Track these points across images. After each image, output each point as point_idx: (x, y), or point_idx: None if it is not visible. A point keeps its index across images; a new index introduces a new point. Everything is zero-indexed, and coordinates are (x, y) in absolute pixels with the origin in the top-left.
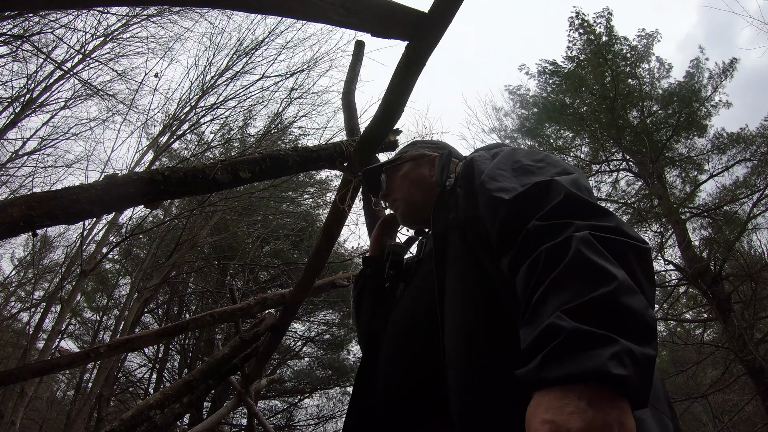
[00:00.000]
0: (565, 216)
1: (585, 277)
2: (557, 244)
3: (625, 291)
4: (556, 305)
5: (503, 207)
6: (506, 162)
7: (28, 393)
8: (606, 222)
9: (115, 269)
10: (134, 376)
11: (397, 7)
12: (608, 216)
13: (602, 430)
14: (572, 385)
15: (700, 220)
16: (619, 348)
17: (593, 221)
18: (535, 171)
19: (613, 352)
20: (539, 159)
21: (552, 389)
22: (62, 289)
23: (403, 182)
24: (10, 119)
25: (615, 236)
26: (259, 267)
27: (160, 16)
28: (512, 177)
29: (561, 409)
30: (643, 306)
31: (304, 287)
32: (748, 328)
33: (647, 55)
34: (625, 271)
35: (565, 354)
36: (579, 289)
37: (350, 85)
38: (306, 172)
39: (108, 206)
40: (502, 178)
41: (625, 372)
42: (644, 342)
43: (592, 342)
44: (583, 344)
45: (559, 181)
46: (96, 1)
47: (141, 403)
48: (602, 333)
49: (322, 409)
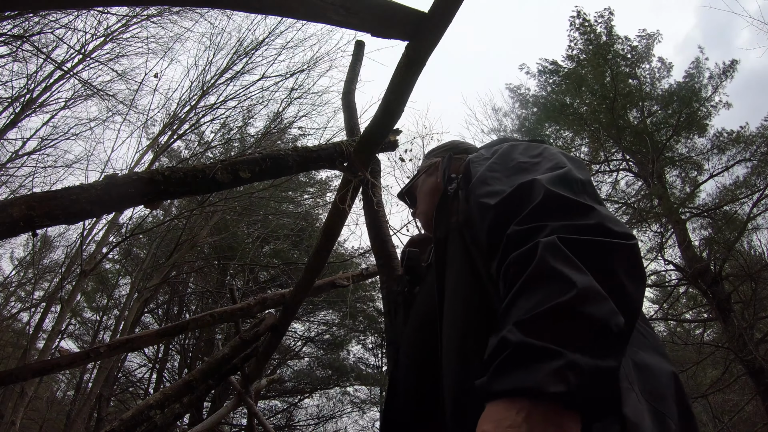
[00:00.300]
0: (542, 218)
1: (543, 286)
2: (524, 252)
3: (584, 299)
4: (516, 315)
5: (490, 212)
6: (501, 161)
7: (28, 393)
8: (585, 220)
9: (115, 269)
10: (134, 376)
11: (397, 7)
12: (589, 213)
13: None
14: (514, 399)
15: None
16: (562, 363)
17: (571, 221)
18: (529, 168)
19: (555, 367)
20: (536, 154)
21: (497, 401)
22: (62, 289)
23: (421, 196)
24: (10, 119)
25: (590, 236)
26: (259, 267)
27: (160, 16)
28: (504, 177)
29: (499, 422)
30: (607, 313)
31: (304, 287)
32: (748, 328)
33: (648, 55)
34: (597, 275)
35: (509, 367)
36: (536, 299)
37: (350, 85)
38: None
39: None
40: (492, 180)
41: (564, 388)
42: (600, 353)
43: (535, 356)
44: (526, 358)
45: (539, 181)
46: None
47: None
48: (546, 346)
49: (322, 409)
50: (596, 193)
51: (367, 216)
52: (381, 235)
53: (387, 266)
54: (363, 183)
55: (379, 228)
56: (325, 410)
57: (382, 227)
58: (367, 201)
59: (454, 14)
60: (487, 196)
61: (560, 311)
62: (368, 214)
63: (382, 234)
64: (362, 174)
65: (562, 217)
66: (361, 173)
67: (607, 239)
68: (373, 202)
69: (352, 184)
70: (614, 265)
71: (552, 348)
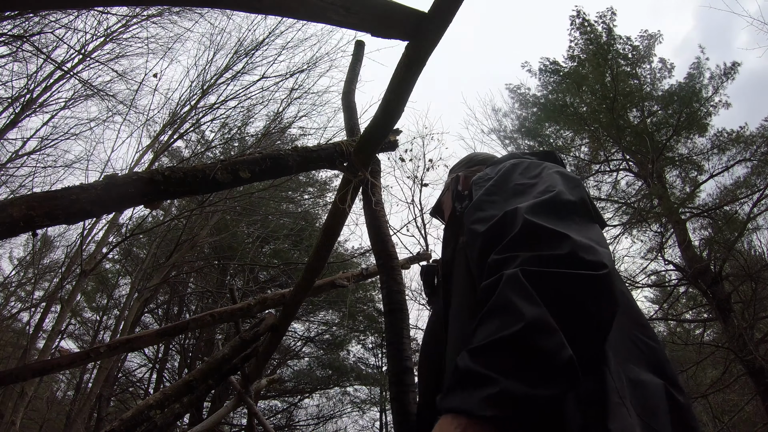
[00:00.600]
0: (516, 248)
1: (497, 318)
2: (490, 283)
3: (531, 332)
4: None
5: (479, 239)
6: (499, 183)
7: (28, 393)
8: (556, 250)
9: (115, 269)
10: (134, 376)
11: (397, 7)
12: (562, 242)
13: None
14: (457, 416)
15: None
16: (497, 390)
17: (541, 251)
18: (524, 191)
19: (488, 394)
20: (533, 175)
21: (446, 416)
22: (62, 289)
23: (446, 211)
24: (10, 119)
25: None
26: (259, 267)
27: (160, 17)
28: (501, 201)
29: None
30: (553, 346)
31: (304, 287)
32: (748, 328)
33: (649, 55)
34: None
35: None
36: (489, 330)
37: (350, 85)
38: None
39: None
40: (486, 206)
41: (495, 413)
42: (537, 383)
43: (474, 382)
44: (468, 383)
45: (521, 210)
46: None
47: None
48: (485, 374)
49: (322, 409)
50: (589, 212)
51: (367, 216)
52: (381, 235)
53: (387, 266)
54: (363, 183)
55: (379, 228)
56: (325, 410)
57: (382, 227)
58: (367, 201)
59: (454, 14)
60: (478, 222)
61: (505, 342)
62: (368, 214)
63: (382, 234)
64: (362, 174)
65: (533, 248)
66: (361, 173)
67: (572, 271)
68: (372, 201)
69: (352, 184)
70: (578, 296)
71: (491, 375)
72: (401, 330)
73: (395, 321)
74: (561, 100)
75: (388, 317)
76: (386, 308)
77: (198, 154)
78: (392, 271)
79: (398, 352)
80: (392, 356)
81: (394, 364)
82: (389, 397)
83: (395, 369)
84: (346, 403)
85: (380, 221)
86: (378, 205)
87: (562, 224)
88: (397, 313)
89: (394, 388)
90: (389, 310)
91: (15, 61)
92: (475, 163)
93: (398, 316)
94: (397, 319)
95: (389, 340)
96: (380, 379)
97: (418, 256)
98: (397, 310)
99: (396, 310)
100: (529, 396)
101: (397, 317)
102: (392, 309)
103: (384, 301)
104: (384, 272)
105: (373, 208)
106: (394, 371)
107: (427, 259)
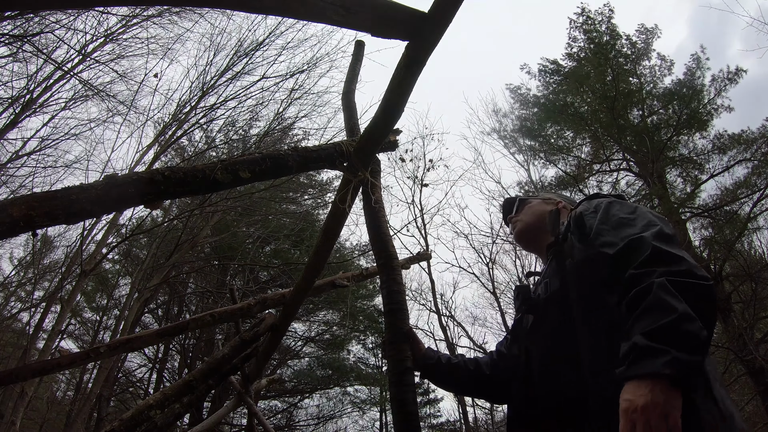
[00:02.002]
0: (651, 265)
1: (657, 310)
2: (643, 288)
3: (683, 319)
4: (639, 329)
5: (609, 259)
6: (606, 217)
7: (28, 393)
8: (679, 267)
9: (115, 269)
10: (134, 376)
11: (397, 7)
12: (681, 262)
13: (656, 406)
14: (643, 379)
15: (701, 220)
16: (670, 357)
17: (670, 267)
18: (629, 223)
19: (666, 360)
20: (631, 211)
21: (632, 381)
22: (62, 289)
23: (528, 210)
24: (10, 119)
25: (684, 278)
26: (259, 267)
27: (160, 17)
28: (612, 230)
29: (634, 392)
30: (697, 328)
31: (304, 287)
32: (748, 328)
33: (648, 51)
34: (687, 304)
35: (639, 360)
36: (653, 318)
37: (350, 85)
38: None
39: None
40: (605, 233)
41: (672, 372)
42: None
43: (654, 353)
44: (650, 354)
45: (646, 238)
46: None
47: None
48: (660, 347)
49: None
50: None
51: (367, 216)
52: (381, 235)
53: (387, 266)
54: (363, 183)
55: (379, 228)
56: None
57: (382, 227)
58: (367, 201)
59: (454, 14)
60: (605, 246)
61: (668, 326)
62: (368, 214)
63: (382, 234)
64: (362, 174)
65: (664, 265)
66: (361, 173)
67: (694, 281)
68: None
69: (352, 184)
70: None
71: (664, 348)
72: (401, 330)
73: (395, 321)
74: (561, 100)
75: (388, 317)
76: (386, 308)
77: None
78: (392, 271)
79: (398, 352)
80: (392, 356)
81: (394, 364)
82: (389, 397)
83: (395, 369)
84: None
85: (380, 221)
86: (378, 204)
87: (675, 249)
88: (397, 313)
89: (394, 388)
90: (389, 310)
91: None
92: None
93: (398, 316)
94: (397, 319)
95: (389, 340)
96: (380, 379)
97: (418, 256)
98: (397, 310)
99: (396, 310)
100: (689, 360)
101: (397, 317)
102: (392, 309)
103: (384, 301)
104: (384, 272)
105: (373, 208)
106: (394, 371)
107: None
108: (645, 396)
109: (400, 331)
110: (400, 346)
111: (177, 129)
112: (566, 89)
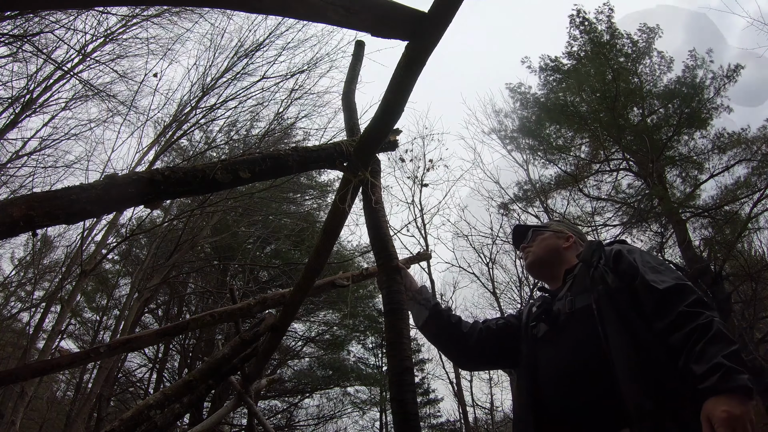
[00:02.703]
0: (698, 307)
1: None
2: (706, 323)
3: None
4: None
5: (657, 293)
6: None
7: (28, 393)
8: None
9: (115, 269)
10: (134, 376)
11: (397, 7)
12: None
13: (747, 414)
14: (732, 393)
15: (701, 220)
16: (747, 375)
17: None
18: (664, 271)
19: (747, 377)
20: (660, 262)
21: (722, 395)
22: (62, 289)
23: (542, 242)
24: (10, 119)
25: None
26: (259, 267)
27: (160, 17)
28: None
29: (730, 403)
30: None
31: (304, 287)
32: (748, 328)
33: (649, 50)
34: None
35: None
36: (723, 346)
37: (350, 85)
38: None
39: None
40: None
41: (750, 386)
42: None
43: (738, 372)
44: (735, 372)
45: (691, 286)
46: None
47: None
48: (737, 368)
49: (322, 409)
50: None
51: (367, 216)
52: (381, 235)
53: (387, 266)
54: (363, 183)
55: (379, 228)
56: (325, 410)
57: (382, 227)
58: (367, 201)
59: (454, 14)
60: (655, 282)
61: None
62: (368, 214)
63: (382, 234)
64: (362, 174)
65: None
66: (361, 173)
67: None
68: (372, 201)
69: (352, 183)
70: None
71: (739, 369)
72: (401, 330)
73: (395, 321)
74: (561, 100)
75: (388, 317)
76: (386, 308)
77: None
78: (392, 271)
79: (398, 352)
80: (392, 356)
81: (394, 364)
82: (389, 397)
83: (395, 369)
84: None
85: (380, 221)
86: (378, 204)
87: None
88: (397, 313)
89: (395, 388)
90: (389, 310)
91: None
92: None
93: (398, 316)
94: (397, 319)
95: (389, 340)
96: (380, 379)
97: (418, 256)
98: (397, 310)
99: (396, 310)
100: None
101: (397, 317)
102: (392, 309)
103: (384, 301)
104: (384, 272)
105: (373, 208)
106: (394, 371)
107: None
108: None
109: (401, 332)
110: (400, 346)
111: (177, 129)
112: (566, 88)
